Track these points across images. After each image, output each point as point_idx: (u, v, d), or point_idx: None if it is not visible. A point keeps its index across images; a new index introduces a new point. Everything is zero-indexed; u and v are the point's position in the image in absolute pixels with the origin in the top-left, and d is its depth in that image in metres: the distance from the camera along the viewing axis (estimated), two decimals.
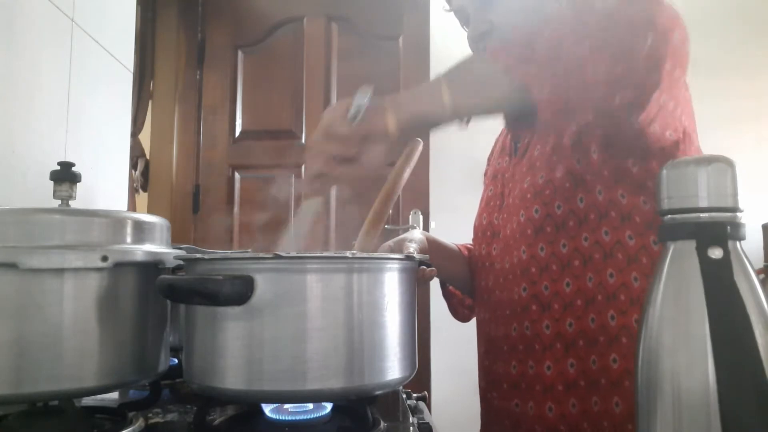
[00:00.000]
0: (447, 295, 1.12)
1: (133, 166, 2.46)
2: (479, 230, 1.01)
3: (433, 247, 1.02)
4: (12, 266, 0.57)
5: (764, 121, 2.17)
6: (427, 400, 0.90)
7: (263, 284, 0.61)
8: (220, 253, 0.74)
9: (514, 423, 0.88)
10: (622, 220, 0.80)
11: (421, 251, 0.95)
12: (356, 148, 0.72)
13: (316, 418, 0.70)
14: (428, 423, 0.73)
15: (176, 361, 0.92)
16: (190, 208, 2.54)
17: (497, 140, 1.10)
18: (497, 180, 0.99)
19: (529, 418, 0.85)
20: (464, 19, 0.93)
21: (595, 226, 0.81)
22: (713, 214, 0.43)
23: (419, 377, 0.76)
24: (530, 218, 0.85)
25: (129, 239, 0.67)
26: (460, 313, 1.12)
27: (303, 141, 2.50)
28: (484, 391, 0.97)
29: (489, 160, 1.11)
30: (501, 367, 0.91)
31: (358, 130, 0.71)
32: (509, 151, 0.98)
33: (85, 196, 0.77)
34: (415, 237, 0.97)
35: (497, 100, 0.71)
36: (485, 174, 1.10)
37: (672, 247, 0.44)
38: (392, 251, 0.92)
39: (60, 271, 0.60)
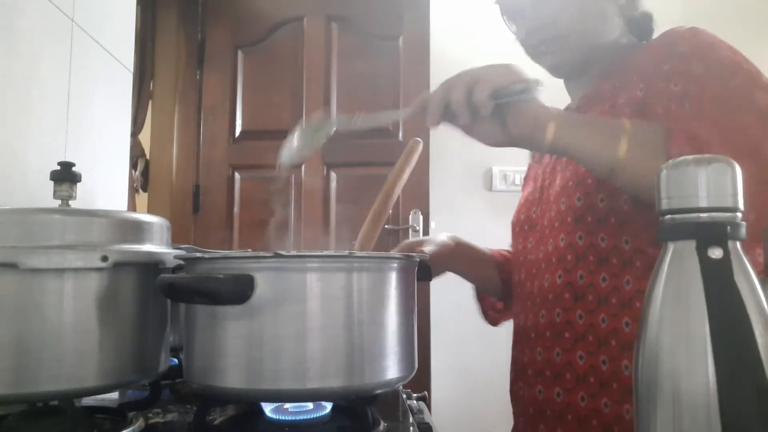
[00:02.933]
0: (479, 298, 1.13)
1: (133, 166, 2.46)
2: (516, 226, 0.99)
3: (460, 249, 1.02)
4: (12, 266, 0.57)
5: None
6: (427, 400, 0.90)
7: (263, 283, 0.61)
8: (220, 252, 0.74)
9: (538, 410, 0.87)
10: None
11: (441, 254, 0.95)
12: (489, 123, 0.70)
13: (316, 418, 0.70)
14: (428, 423, 0.73)
15: (176, 361, 0.92)
16: (190, 208, 2.54)
17: None
18: (538, 177, 0.97)
19: (555, 404, 0.84)
20: (517, 13, 0.91)
21: (638, 232, 0.78)
22: (713, 214, 0.43)
23: (419, 377, 0.76)
24: (571, 206, 0.83)
25: (129, 239, 0.67)
26: (490, 316, 1.12)
27: None
28: (512, 383, 0.96)
29: (530, 167, 1.08)
30: (527, 356, 0.90)
31: (513, 114, 0.68)
32: None
33: (85, 196, 0.77)
34: (435, 239, 0.98)
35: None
36: (526, 177, 1.08)
37: (672, 247, 0.44)
38: (409, 250, 0.92)
39: (60, 271, 0.60)
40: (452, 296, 2.42)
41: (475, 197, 2.43)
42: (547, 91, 0.73)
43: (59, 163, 0.71)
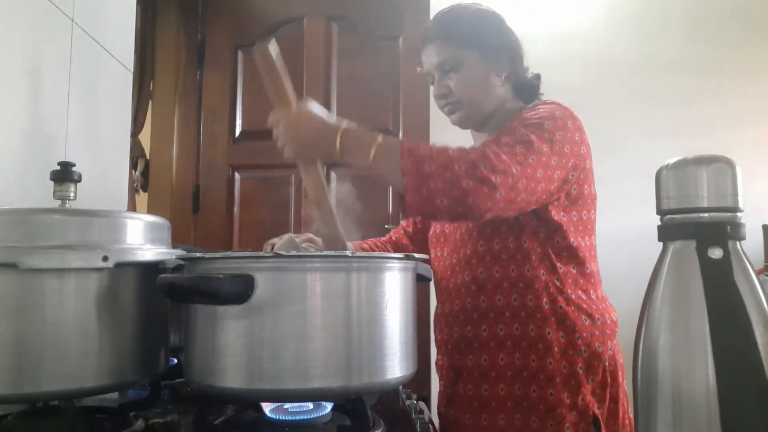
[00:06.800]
0: None
1: (133, 166, 2.46)
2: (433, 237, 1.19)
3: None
4: (12, 266, 0.57)
5: (764, 122, 2.17)
6: (427, 400, 0.90)
7: (263, 283, 0.61)
8: (220, 252, 0.74)
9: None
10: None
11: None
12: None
13: (316, 418, 0.70)
14: (428, 423, 0.73)
15: (176, 361, 0.92)
16: (190, 208, 2.54)
17: None
18: None
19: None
20: (432, 80, 1.13)
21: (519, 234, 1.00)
22: (713, 214, 0.43)
23: (419, 377, 0.76)
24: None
25: (129, 239, 0.67)
26: None
27: None
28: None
29: None
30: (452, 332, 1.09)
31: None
32: None
33: (85, 196, 0.77)
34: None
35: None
36: None
37: (672, 247, 0.44)
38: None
39: (60, 271, 0.60)
40: None
41: None
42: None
43: (59, 163, 0.71)
